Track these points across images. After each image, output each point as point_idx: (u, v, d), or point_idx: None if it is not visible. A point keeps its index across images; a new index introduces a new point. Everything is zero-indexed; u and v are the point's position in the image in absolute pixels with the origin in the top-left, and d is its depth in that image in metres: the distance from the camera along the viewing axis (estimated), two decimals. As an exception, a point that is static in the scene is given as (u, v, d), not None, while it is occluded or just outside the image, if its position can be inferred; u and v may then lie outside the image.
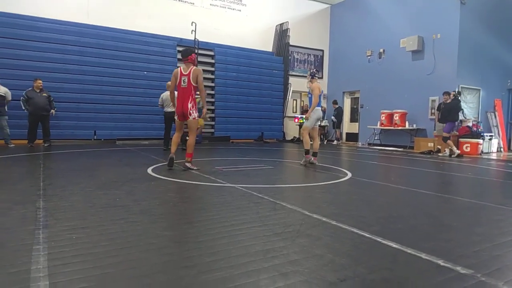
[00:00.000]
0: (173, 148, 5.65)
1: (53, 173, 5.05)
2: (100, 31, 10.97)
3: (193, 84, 5.44)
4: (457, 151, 9.84)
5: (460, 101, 10.08)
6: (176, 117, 5.62)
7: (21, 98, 8.97)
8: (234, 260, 2.06)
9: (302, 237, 2.48)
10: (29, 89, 9.06)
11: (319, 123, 7.24)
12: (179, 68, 5.56)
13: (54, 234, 2.39)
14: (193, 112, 5.47)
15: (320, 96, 6.88)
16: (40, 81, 9.19)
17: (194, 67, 5.51)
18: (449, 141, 9.91)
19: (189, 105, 5.44)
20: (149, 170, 5.30)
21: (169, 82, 9.06)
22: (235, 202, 3.53)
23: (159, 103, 9.10)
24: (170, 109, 8.73)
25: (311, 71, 7.26)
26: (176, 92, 5.65)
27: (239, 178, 5.01)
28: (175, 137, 5.69)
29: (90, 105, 10.62)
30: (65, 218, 2.78)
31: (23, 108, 9.00)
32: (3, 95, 8.88)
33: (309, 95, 7.09)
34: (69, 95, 10.28)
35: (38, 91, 9.11)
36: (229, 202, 3.51)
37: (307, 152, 6.80)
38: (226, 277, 1.82)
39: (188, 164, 5.52)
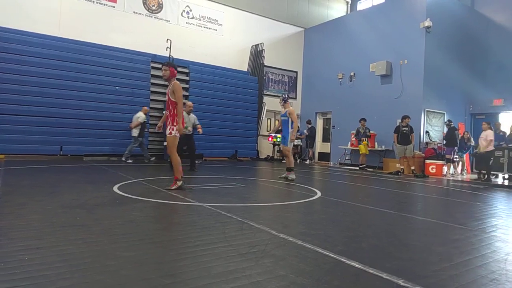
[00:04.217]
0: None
1: (12, 190, 4.80)
2: (66, 43, 10.67)
3: (171, 99, 5.20)
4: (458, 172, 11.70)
5: (455, 129, 11.36)
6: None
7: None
8: (194, 282, 2.00)
9: (266, 257, 2.46)
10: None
11: (294, 143, 8.08)
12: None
13: (6, 255, 2.27)
14: (170, 129, 5.24)
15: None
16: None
17: (174, 81, 5.28)
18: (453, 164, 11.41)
19: (168, 120, 5.25)
20: (115, 188, 5.13)
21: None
22: (202, 221, 3.47)
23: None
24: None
25: (283, 95, 7.77)
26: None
27: (209, 196, 4.95)
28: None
29: (55, 119, 10.16)
30: (19, 238, 2.63)
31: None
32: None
33: (282, 117, 7.66)
34: (32, 108, 9.80)
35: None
36: (195, 222, 3.44)
37: (292, 169, 7.52)
38: (185, 299, 1.77)
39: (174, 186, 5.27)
